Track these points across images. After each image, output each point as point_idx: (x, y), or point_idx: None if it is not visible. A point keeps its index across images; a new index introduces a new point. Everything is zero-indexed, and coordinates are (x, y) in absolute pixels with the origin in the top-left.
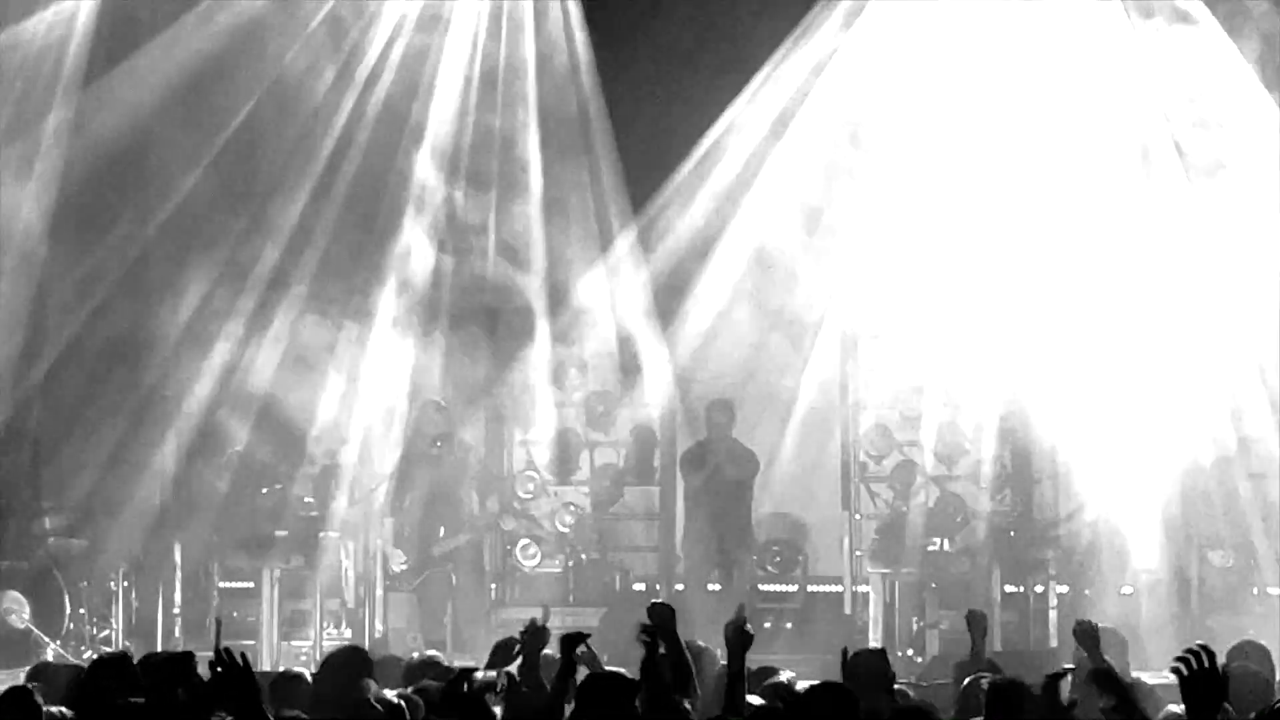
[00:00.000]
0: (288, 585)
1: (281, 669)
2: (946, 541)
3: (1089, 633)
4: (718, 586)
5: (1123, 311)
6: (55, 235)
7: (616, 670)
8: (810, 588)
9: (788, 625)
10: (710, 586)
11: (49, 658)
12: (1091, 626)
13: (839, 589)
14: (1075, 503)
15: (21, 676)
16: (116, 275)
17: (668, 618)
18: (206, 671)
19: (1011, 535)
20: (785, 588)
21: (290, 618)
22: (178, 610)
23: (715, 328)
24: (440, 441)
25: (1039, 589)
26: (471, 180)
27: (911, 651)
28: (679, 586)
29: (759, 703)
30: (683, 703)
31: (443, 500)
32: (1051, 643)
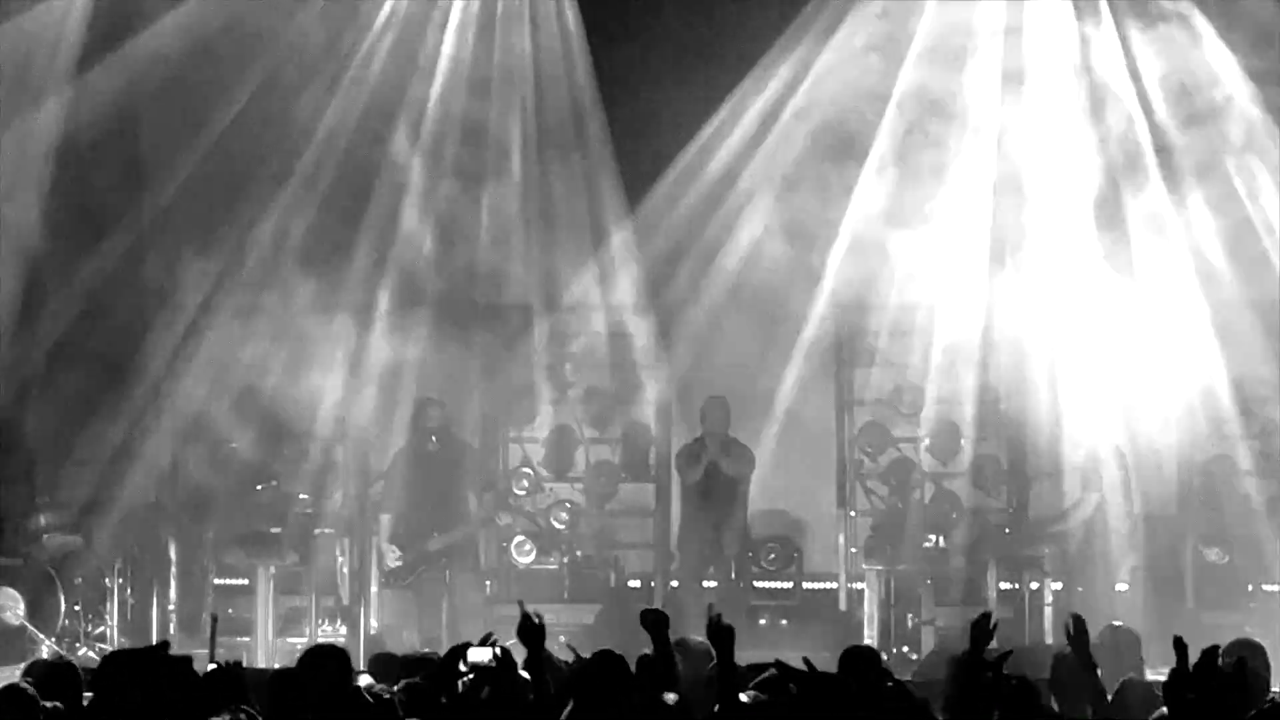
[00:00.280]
0: (283, 582)
1: (277, 666)
2: (943, 538)
3: (1079, 630)
4: (713, 583)
5: (1120, 304)
6: (51, 230)
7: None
8: (806, 585)
9: (783, 622)
10: (706, 583)
11: (44, 655)
12: (1081, 622)
13: (835, 586)
14: (1071, 499)
15: (17, 673)
16: (111, 270)
17: (661, 624)
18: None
19: (1007, 532)
20: (781, 585)
21: (285, 614)
22: (172, 607)
23: (711, 324)
24: (436, 438)
25: (1034, 585)
26: (467, 175)
27: (907, 648)
28: (674, 583)
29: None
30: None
31: (438, 497)
32: (1047, 639)
